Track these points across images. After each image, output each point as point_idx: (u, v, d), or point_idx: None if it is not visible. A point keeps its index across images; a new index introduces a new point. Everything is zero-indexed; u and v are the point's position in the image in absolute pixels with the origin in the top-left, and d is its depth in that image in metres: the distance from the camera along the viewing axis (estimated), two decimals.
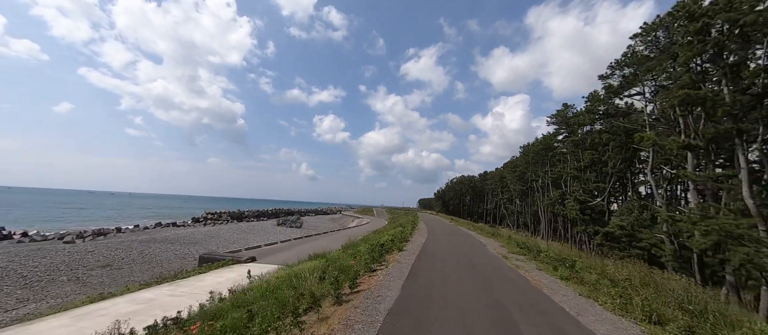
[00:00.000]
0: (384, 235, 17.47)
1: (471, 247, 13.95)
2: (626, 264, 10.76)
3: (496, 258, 11.17)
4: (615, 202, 38.81)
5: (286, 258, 18.52)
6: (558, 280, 8.15)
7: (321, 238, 29.45)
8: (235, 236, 40.78)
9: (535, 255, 11.66)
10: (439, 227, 28.38)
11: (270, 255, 20.39)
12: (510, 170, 64.31)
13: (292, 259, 17.11)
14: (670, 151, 22.68)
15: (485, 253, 12.22)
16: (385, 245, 11.73)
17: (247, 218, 73.56)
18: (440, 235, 19.92)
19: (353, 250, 13.15)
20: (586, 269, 9.07)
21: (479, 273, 8.41)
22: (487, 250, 13.23)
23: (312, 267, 9.12)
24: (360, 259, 9.14)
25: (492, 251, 13.09)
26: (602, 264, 9.96)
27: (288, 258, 19.10)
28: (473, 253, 12.04)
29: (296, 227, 55.81)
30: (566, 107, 38.38)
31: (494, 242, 16.74)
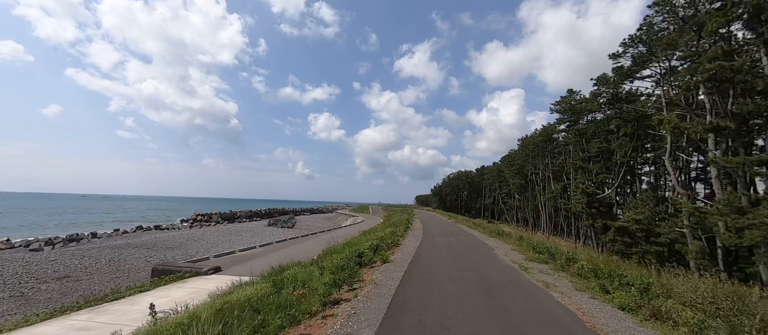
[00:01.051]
0: (368, 239, 14.44)
1: (477, 254, 10.93)
2: (686, 276, 7.81)
3: (512, 271, 8.16)
4: (620, 194, 36.04)
5: (260, 266, 15.58)
6: (619, 312, 5.16)
7: (307, 240, 26.38)
8: (219, 239, 37.69)
9: (562, 264, 8.66)
10: (436, 225, 25.42)
11: (241, 264, 17.32)
12: (508, 163, 61.46)
13: (265, 267, 14.21)
14: (694, 135, 19.91)
15: (497, 263, 9.19)
16: (365, 256, 8.69)
17: (239, 219, 70.39)
18: (438, 237, 16.92)
19: (329, 259, 10.15)
20: (640, 285, 6.12)
21: (497, 303, 5.43)
22: (497, 258, 10.21)
23: (250, 295, 6.07)
24: (319, 281, 6.11)
25: (504, 258, 10.07)
26: (664, 278, 6.95)
27: (262, 265, 16.10)
28: (481, 264, 9.00)
29: (288, 228, 52.80)
30: (571, 92, 35.50)
31: (503, 244, 13.73)
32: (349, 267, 7.18)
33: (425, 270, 7.84)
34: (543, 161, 48.67)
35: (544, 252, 10.64)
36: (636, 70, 25.46)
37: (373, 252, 10.84)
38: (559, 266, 8.60)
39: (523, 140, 54.75)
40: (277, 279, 7.25)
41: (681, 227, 22.87)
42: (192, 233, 42.61)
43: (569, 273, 7.99)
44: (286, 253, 19.01)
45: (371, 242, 11.84)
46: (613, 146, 28.78)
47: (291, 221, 57.11)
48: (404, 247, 12.16)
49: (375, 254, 10.48)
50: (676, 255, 22.19)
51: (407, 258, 9.47)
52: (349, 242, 15.44)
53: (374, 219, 51.93)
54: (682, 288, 6.40)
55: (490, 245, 13.10)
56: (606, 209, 30.77)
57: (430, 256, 9.91)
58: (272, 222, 55.16)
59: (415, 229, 20.78)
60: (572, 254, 9.90)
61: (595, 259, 9.53)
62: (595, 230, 32.93)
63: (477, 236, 17.50)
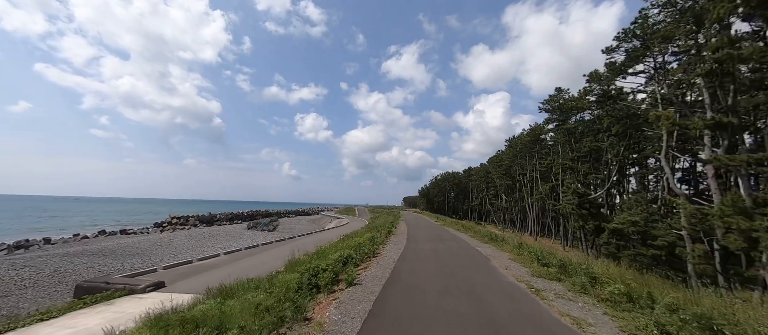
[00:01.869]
0: (341, 248, 12.09)
1: (471, 268, 8.73)
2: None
3: (521, 296, 5.99)
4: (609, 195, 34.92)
5: (216, 279, 13.03)
6: None
7: (281, 246, 23.76)
8: (188, 245, 34.47)
9: (583, 285, 6.55)
10: (422, 229, 23.25)
11: (195, 277, 14.63)
12: (495, 164, 60.22)
13: (218, 281, 11.72)
14: (693, 132, 18.58)
15: (499, 283, 7.00)
16: (324, 275, 6.35)
17: (219, 222, 66.57)
18: (424, 242, 14.70)
19: (285, 276, 7.79)
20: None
21: None
22: (497, 273, 8.05)
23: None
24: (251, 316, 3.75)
25: (505, 274, 7.91)
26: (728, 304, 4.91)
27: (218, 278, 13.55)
28: (479, 284, 6.79)
29: (269, 231, 49.80)
30: (560, 91, 34.20)
31: (499, 253, 11.60)
32: (296, 298, 4.84)
33: (403, 297, 5.57)
34: (530, 161, 47.46)
35: (551, 264, 8.54)
36: (629, 66, 24.13)
37: (343, 264, 8.50)
38: (579, 286, 6.48)
39: (510, 140, 53.53)
40: (187, 317, 4.84)
41: (678, 229, 21.54)
42: (160, 238, 39.11)
43: (594, 297, 5.88)
44: (251, 263, 16.45)
45: (341, 253, 9.49)
46: (604, 145, 27.46)
47: (272, 224, 53.95)
48: (382, 258, 9.87)
49: (344, 268, 8.15)
50: (673, 258, 20.84)
51: (382, 276, 7.18)
52: (320, 251, 13.05)
53: (359, 222, 49.46)
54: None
55: (484, 254, 10.94)
56: (596, 210, 29.43)
57: (413, 272, 7.64)
58: (252, 225, 51.93)
59: (398, 233, 18.53)
60: (586, 266, 7.83)
61: (615, 273, 7.49)
62: (586, 231, 31.60)
63: (467, 241, 15.39)
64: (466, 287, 6.43)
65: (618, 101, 27.64)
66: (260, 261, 16.61)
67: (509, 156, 52.93)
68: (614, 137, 25.62)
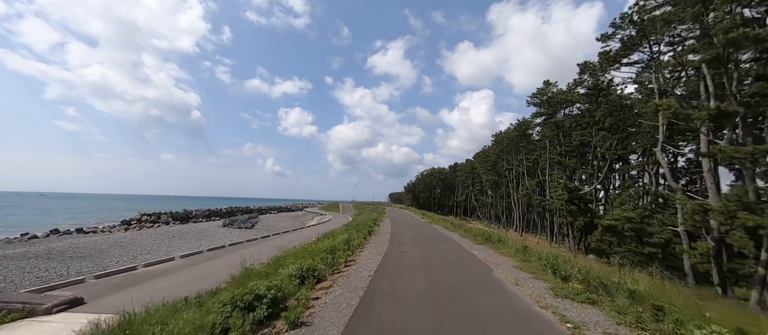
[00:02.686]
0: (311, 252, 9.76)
1: (472, 282, 6.55)
2: None
3: (552, 330, 3.80)
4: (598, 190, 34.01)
5: (159, 292, 10.46)
6: None
7: (250, 247, 21.08)
8: (152, 245, 31.01)
9: (638, 315, 4.49)
10: (408, 227, 21.12)
11: (131, 288, 11.92)
12: (481, 160, 58.99)
13: (164, 294, 9.19)
14: (696, 123, 17.35)
15: (513, 307, 4.87)
16: (260, 305, 4.00)
17: (194, 219, 62.49)
18: (410, 245, 12.52)
19: (223, 295, 5.41)
20: None
21: None
22: (507, 291, 5.92)
23: None
24: None
25: (520, 293, 5.79)
26: None
27: (161, 291, 10.97)
28: (487, 311, 4.63)
29: (246, 228, 46.58)
30: (548, 84, 32.82)
31: (500, 258, 9.53)
32: None
33: (385, 327, 3.29)
34: (517, 157, 46.30)
35: (570, 274, 6.49)
36: (624, 55, 22.74)
37: (299, 283, 6.16)
38: (632, 317, 4.40)
39: (497, 135, 52.26)
40: None
41: (673, 226, 20.39)
42: (122, 238, 35.29)
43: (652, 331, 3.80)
44: (206, 269, 13.81)
45: (302, 263, 7.12)
46: (595, 139, 26.18)
47: (250, 221, 50.64)
48: (356, 270, 7.58)
49: (299, 287, 5.83)
50: (669, 256, 19.70)
51: (347, 306, 4.88)
52: (279, 259, 10.64)
53: (343, 218, 47.02)
54: None
55: (483, 261, 8.83)
56: (585, 205, 28.26)
57: (393, 296, 5.39)
58: (228, 223, 48.50)
59: (381, 233, 16.32)
60: (619, 280, 5.83)
61: (664, 291, 5.51)
62: (575, 228, 30.44)
63: (459, 242, 13.32)
64: (472, 323, 4.25)
65: (607, 94, 26.40)
66: (217, 266, 13.99)
67: (495, 151, 51.70)
68: (606, 131, 24.31)
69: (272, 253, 14.75)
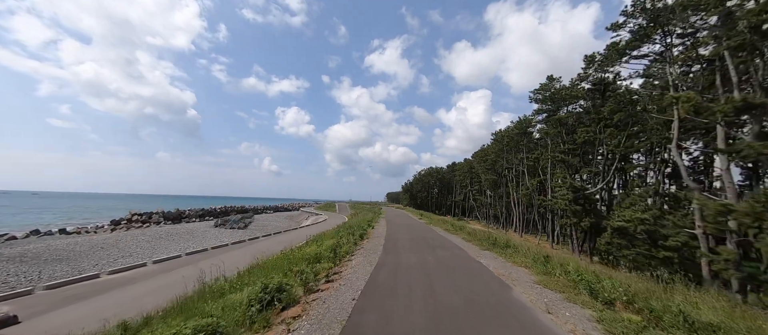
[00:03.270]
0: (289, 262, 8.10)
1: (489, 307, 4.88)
2: None
3: None
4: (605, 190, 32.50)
5: (112, 307, 8.83)
6: None
7: (235, 251, 19.39)
8: (136, 246, 29.30)
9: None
10: (405, 229, 19.46)
11: (86, 301, 10.25)
12: (480, 159, 57.48)
13: (116, 311, 7.54)
14: (719, 116, 15.95)
15: None
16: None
17: (187, 219, 60.49)
18: (406, 251, 10.86)
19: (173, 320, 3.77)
20: None
21: None
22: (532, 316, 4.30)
23: None
24: None
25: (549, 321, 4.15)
26: None
27: (115, 306, 9.34)
28: None
29: (238, 229, 44.86)
30: (551, 79, 31.32)
31: (515, 269, 7.89)
32: None
33: None
34: (517, 155, 44.80)
35: (612, 296, 4.87)
36: (635, 46, 21.22)
37: (258, 308, 4.51)
38: None
39: (496, 134, 50.73)
40: None
41: (689, 228, 18.90)
42: (106, 239, 33.46)
43: None
44: (174, 278, 12.10)
45: (268, 281, 5.43)
46: (602, 136, 24.65)
47: (244, 222, 48.88)
48: (341, 285, 5.92)
49: (262, 312, 4.19)
50: (685, 260, 18.21)
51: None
52: (267, 264, 8.98)
53: (338, 218, 45.41)
54: None
55: (497, 275, 7.16)
56: (591, 206, 26.75)
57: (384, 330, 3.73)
58: (220, 223, 46.73)
59: (375, 236, 14.65)
60: (679, 306, 4.20)
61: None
62: (580, 229, 28.93)
63: (463, 248, 11.67)
64: None
65: (616, 87, 24.91)
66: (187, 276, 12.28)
67: (495, 150, 50.17)
68: (614, 127, 22.80)
69: (255, 257, 13.11)
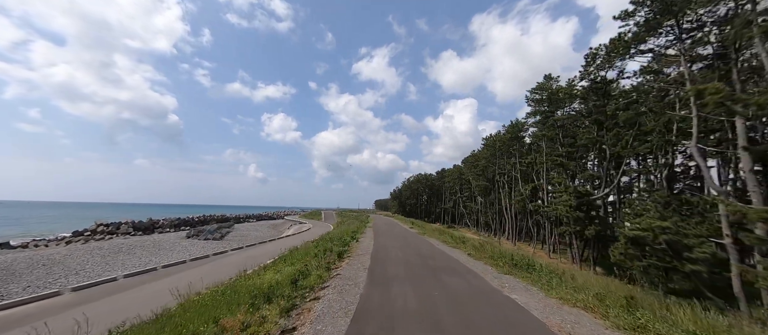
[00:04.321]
0: (243, 290, 4.72)
1: None
2: None
3: None
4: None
5: None
6: None
7: (196, 267, 15.65)
8: (87, 263, 24.98)
9: None
10: (396, 241, 16.20)
11: None
12: (471, 165, 55.13)
13: None
14: (757, 107, 13.79)
15: None
16: None
17: (160, 229, 55.18)
18: (400, 278, 7.61)
19: None
20: None
21: None
22: None
23: None
24: None
25: None
26: None
27: None
28: None
29: (213, 240, 40.38)
30: (549, 78, 29.19)
31: (563, 306, 4.76)
32: None
33: None
34: (510, 160, 42.57)
35: None
36: (643, 38, 19.11)
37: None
38: None
39: (487, 138, 48.55)
40: None
41: (714, 237, 16.51)
42: (53, 254, 28.59)
43: None
44: (63, 322, 8.46)
45: None
46: (606, 136, 22.38)
47: (220, 232, 44.30)
48: None
49: None
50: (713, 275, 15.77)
51: None
52: (229, 287, 5.57)
53: (323, 227, 41.69)
54: None
55: (549, 327, 4.08)
56: (595, 213, 24.33)
57: None
58: (193, 234, 42.07)
59: (358, 253, 11.36)
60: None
61: None
62: (580, 238, 26.45)
63: (478, 271, 8.52)
64: None
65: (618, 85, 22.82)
66: (94, 314, 8.65)
67: (486, 155, 47.88)
68: (620, 127, 20.55)
69: (212, 278, 9.64)
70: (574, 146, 27.14)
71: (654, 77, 22.02)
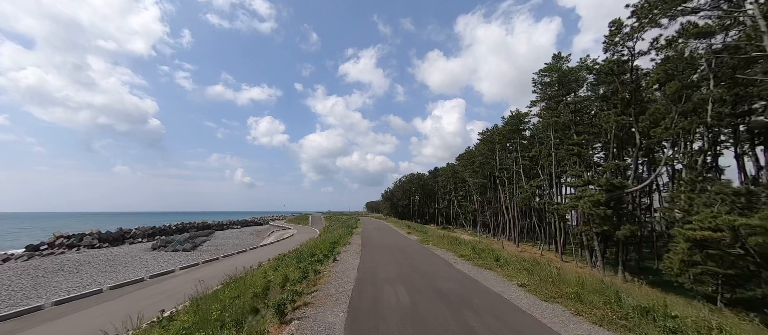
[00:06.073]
0: None
1: None
2: None
3: None
4: None
5: None
6: None
7: (122, 297, 10.09)
8: (13, 288, 19.17)
9: None
10: (390, 254, 10.94)
11: None
12: (466, 162, 50.36)
13: None
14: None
15: None
16: None
17: (131, 239, 48.26)
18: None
19: None
20: None
21: None
22: None
23: None
24: None
25: None
26: None
27: None
28: None
29: (184, 251, 34.22)
30: (559, 58, 24.64)
31: None
32: None
33: None
34: (511, 155, 37.95)
35: None
36: None
37: None
38: None
39: (484, 133, 43.88)
40: None
41: None
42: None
43: None
44: None
45: None
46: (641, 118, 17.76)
47: (192, 242, 38.05)
48: None
49: None
50: None
51: None
52: None
53: (308, 232, 36.10)
54: None
55: None
56: (627, 209, 19.69)
57: None
58: (160, 245, 35.76)
59: (336, 277, 6.12)
60: None
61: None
62: (605, 240, 21.76)
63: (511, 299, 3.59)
64: None
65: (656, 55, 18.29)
66: None
67: (483, 151, 43.18)
68: (670, 102, 15.97)
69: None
70: (592, 133, 22.58)
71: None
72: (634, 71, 20.28)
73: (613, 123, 19.34)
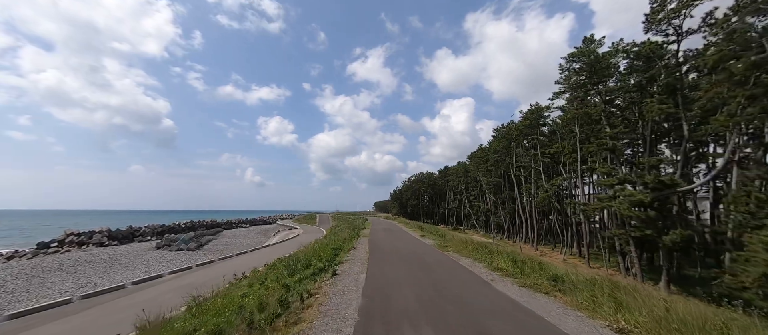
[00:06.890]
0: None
1: None
2: None
3: None
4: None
5: None
6: None
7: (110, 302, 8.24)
8: (5, 288, 17.75)
9: None
10: (406, 269, 8.67)
11: None
12: (479, 160, 47.49)
13: None
14: None
15: None
16: None
17: (141, 237, 47.58)
18: None
19: None
20: None
21: None
22: None
23: None
24: None
25: None
26: None
27: None
28: None
29: (189, 250, 32.77)
30: (591, 42, 21.80)
31: None
32: None
33: None
34: (529, 152, 35.06)
35: None
36: None
37: None
38: None
39: (498, 129, 41.01)
40: None
41: None
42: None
43: None
44: None
45: None
46: (697, 102, 14.95)
47: (198, 241, 36.68)
48: None
49: None
50: None
51: None
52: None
53: (314, 232, 34.20)
54: None
55: None
56: (676, 212, 16.83)
57: None
58: (164, 244, 34.46)
59: (334, 301, 3.97)
60: None
61: None
62: (642, 246, 18.88)
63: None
64: None
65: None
66: None
67: (497, 148, 40.32)
68: (736, 84, 13.14)
69: None
70: (629, 125, 19.73)
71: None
72: (678, 54, 17.37)
73: (655, 112, 16.47)
